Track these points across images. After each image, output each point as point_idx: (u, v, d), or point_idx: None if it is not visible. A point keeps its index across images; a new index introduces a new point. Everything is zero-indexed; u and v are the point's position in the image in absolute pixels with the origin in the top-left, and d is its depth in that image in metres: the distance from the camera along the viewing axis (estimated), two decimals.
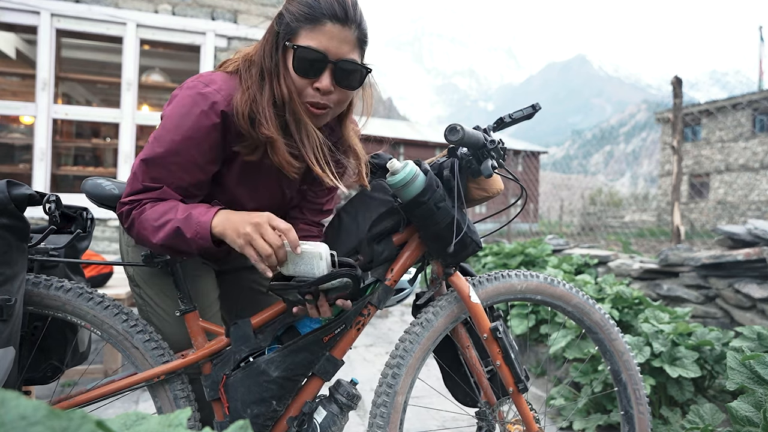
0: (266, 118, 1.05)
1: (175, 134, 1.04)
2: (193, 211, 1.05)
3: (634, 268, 3.22)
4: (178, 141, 1.04)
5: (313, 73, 1.05)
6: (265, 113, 1.05)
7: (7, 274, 1.06)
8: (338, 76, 1.07)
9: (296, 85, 1.06)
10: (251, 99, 1.06)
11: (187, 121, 1.04)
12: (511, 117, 1.23)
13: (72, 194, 3.26)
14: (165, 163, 1.06)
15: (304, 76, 1.05)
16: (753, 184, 20.79)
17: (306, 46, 1.03)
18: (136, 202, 1.07)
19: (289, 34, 1.05)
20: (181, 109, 1.05)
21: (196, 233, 1.03)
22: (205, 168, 1.09)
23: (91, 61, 5.35)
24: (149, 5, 4.05)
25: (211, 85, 1.06)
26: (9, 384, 1.05)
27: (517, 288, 1.30)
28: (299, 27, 1.03)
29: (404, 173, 1.10)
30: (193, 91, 1.06)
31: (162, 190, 1.07)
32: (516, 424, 1.29)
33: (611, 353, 1.37)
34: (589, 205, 17.04)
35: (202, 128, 1.04)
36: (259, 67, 1.08)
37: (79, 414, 0.28)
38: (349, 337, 1.20)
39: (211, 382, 1.18)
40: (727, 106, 20.42)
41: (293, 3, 1.05)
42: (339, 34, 1.03)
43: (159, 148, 1.05)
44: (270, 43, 1.07)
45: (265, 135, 1.06)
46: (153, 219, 1.05)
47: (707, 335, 2.10)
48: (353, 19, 1.04)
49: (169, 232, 1.04)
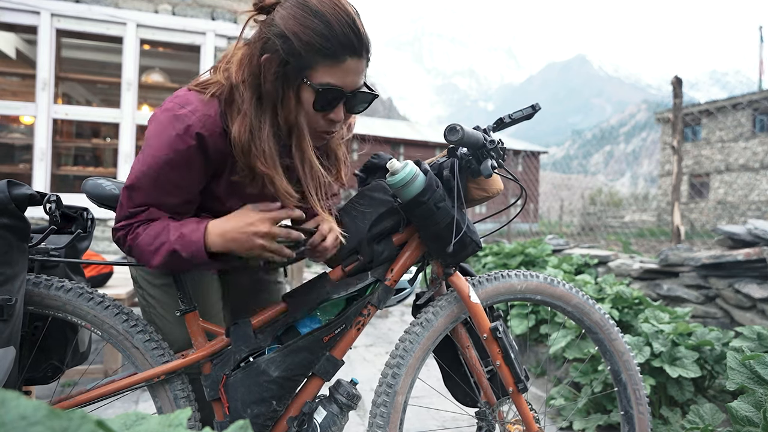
0: (264, 154, 1.01)
1: (153, 160, 1.03)
2: (184, 230, 1.04)
3: (634, 268, 3.22)
4: (157, 166, 1.02)
5: (330, 107, 1.03)
6: (264, 147, 1.01)
7: (7, 274, 1.06)
8: (350, 105, 1.06)
9: (309, 118, 1.03)
10: (249, 128, 1.01)
11: (163, 145, 1.02)
12: (510, 117, 1.23)
13: (72, 194, 3.26)
14: (147, 189, 1.04)
15: (321, 111, 1.02)
16: (753, 184, 20.78)
17: (328, 85, 0.99)
18: (127, 227, 1.07)
19: (305, 68, 0.97)
20: (157, 133, 1.03)
21: (191, 253, 1.04)
22: (188, 189, 1.08)
23: (91, 61, 5.35)
24: (149, 5, 4.05)
25: (186, 106, 1.02)
26: (9, 384, 1.05)
27: (517, 288, 1.30)
28: (316, 62, 0.97)
29: (404, 173, 1.10)
30: (168, 114, 1.03)
31: (149, 211, 1.07)
32: (516, 424, 1.29)
33: (611, 353, 1.37)
34: (589, 205, 17.04)
35: (179, 151, 1.01)
36: (255, 92, 1.01)
37: (79, 414, 0.28)
38: (349, 337, 1.21)
39: (211, 382, 1.18)
40: (727, 106, 20.43)
41: (301, 29, 0.95)
42: (356, 67, 1.00)
43: (140, 175, 1.04)
44: (275, 71, 0.98)
45: (262, 171, 1.02)
46: (147, 243, 1.05)
47: (707, 335, 2.10)
48: (366, 47, 1.01)
49: (165, 255, 1.04)
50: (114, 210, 1.16)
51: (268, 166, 1.02)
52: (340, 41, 0.96)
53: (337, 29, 0.95)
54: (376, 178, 1.29)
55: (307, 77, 0.98)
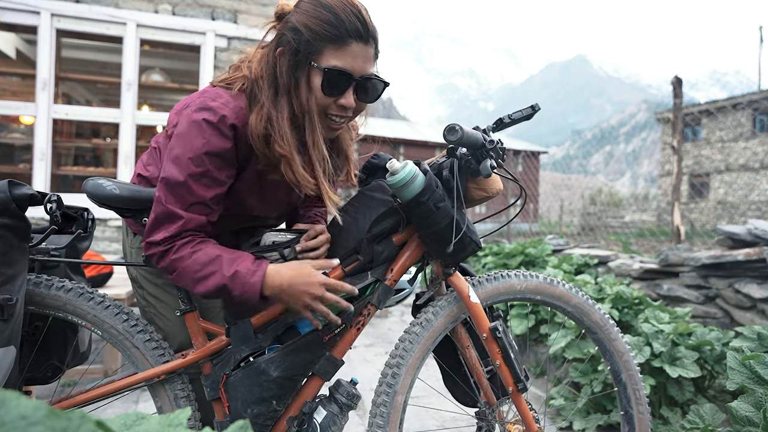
0: (282, 136, 1.06)
1: (191, 152, 1.04)
2: (240, 269, 1.06)
3: (634, 268, 3.22)
4: (195, 158, 1.04)
5: (338, 91, 1.07)
6: (282, 131, 1.06)
7: (8, 274, 1.06)
8: (360, 92, 1.09)
9: (320, 103, 1.07)
10: (266, 117, 1.06)
11: (200, 138, 1.04)
12: (510, 117, 1.23)
13: (72, 194, 3.26)
14: (186, 184, 1.05)
15: (330, 95, 1.06)
16: (753, 184, 20.78)
17: (334, 67, 1.04)
18: (168, 244, 1.06)
19: (313, 53, 1.04)
20: (192, 127, 1.05)
21: (243, 293, 1.06)
22: (223, 182, 1.09)
23: (91, 61, 5.35)
24: (149, 5, 4.06)
25: (218, 99, 1.07)
26: (10, 384, 1.05)
27: (516, 288, 1.30)
28: (323, 47, 1.03)
29: (404, 173, 1.11)
30: (202, 108, 1.06)
31: (186, 220, 1.06)
32: (516, 424, 1.29)
33: (611, 353, 1.37)
34: (589, 205, 17.04)
35: (216, 143, 1.05)
36: (272, 84, 1.08)
37: (79, 414, 0.28)
38: (349, 337, 1.21)
39: (211, 382, 1.18)
40: (727, 106, 20.42)
41: (311, 20, 1.03)
42: (362, 52, 1.05)
43: (179, 171, 1.05)
44: (288, 60, 1.06)
45: (280, 153, 1.06)
46: (195, 270, 1.05)
47: (707, 335, 2.10)
48: (372, 35, 1.07)
49: (214, 287, 1.05)
50: (115, 210, 1.16)
51: (284, 148, 1.06)
52: (345, 27, 1.03)
53: (344, 17, 1.03)
54: (375, 178, 1.30)
55: (315, 61, 1.04)
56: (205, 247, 1.07)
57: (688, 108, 13.46)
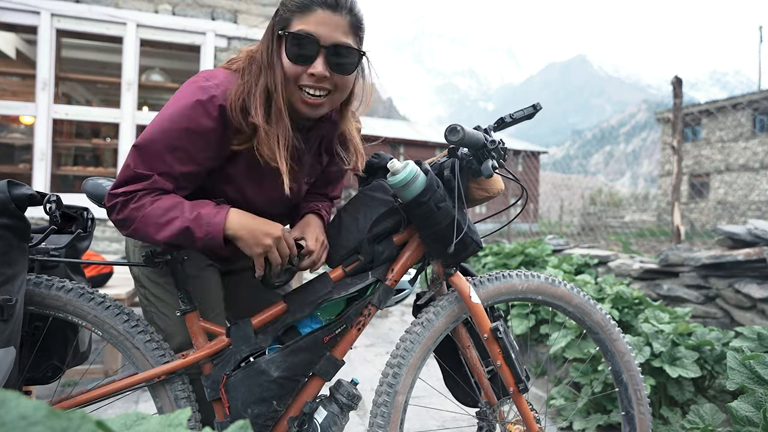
0: (255, 106, 1.06)
1: (171, 123, 1.05)
2: (203, 211, 1.06)
3: (634, 268, 3.22)
4: (174, 130, 1.04)
5: (305, 59, 1.06)
6: (256, 102, 1.06)
7: (7, 274, 1.06)
8: (332, 61, 1.07)
9: (290, 72, 1.07)
10: (246, 91, 1.07)
11: (184, 111, 1.04)
12: (511, 117, 1.23)
13: (72, 194, 3.26)
14: (158, 150, 1.05)
15: (296, 62, 1.06)
16: (753, 184, 20.78)
17: (296, 31, 1.04)
18: (130, 194, 1.06)
19: (282, 24, 1.06)
20: (180, 100, 1.06)
21: (207, 233, 1.05)
22: (198, 160, 1.08)
23: (91, 61, 5.35)
24: (149, 5, 4.05)
25: (211, 79, 1.08)
26: (10, 384, 1.05)
27: (518, 288, 1.29)
28: (291, 17, 1.05)
29: (405, 173, 1.10)
30: (194, 85, 1.07)
31: (153, 180, 1.05)
32: (516, 424, 1.29)
33: (612, 354, 1.37)
34: (589, 205, 17.05)
35: (199, 120, 1.05)
36: (258, 62, 1.10)
37: (79, 414, 0.28)
38: (349, 337, 1.21)
39: (211, 382, 1.18)
40: (727, 106, 20.42)
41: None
42: (330, 19, 1.04)
43: (153, 135, 1.05)
44: (267, 38, 1.10)
45: (252, 123, 1.07)
46: (156, 215, 1.04)
47: (707, 335, 2.10)
48: (344, 5, 1.05)
49: (177, 230, 1.04)
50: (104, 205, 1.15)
51: (257, 117, 1.06)
52: None
53: None
54: (376, 178, 1.29)
55: (284, 29, 1.06)
56: (166, 196, 1.07)
57: (688, 108, 13.47)
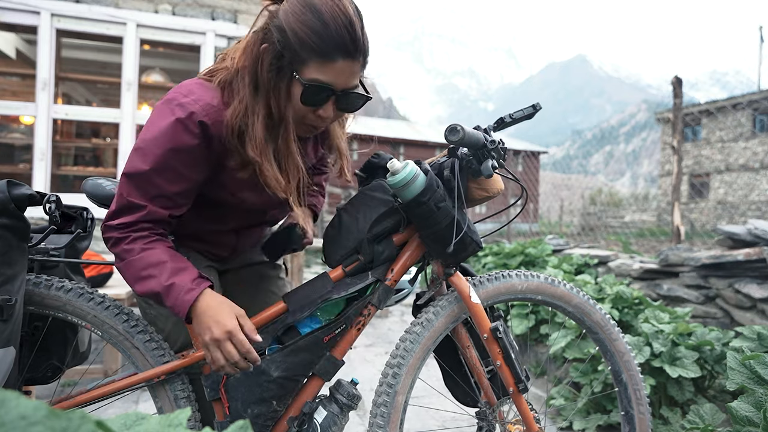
0: (255, 139, 1.02)
1: (155, 147, 1.02)
2: (177, 281, 1.03)
3: (634, 268, 3.22)
4: (160, 154, 1.02)
5: (318, 103, 1.04)
6: (256, 134, 1.02)
7: (7, 274, 1.06)
8: (341, 105, 1.07)
9: (297, 112, 1.04)
10: (243, 112, 1.02)
11: (166, 132, 1.01)
12: (511, 117, 1.23)
13: (72, 194, 3.26)
14: (147, 175, 1.03)
15: (309, 106, 1.04)
16: (753, 184, 20.78)
17: (316, 81, 1.00)
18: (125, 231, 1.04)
19: (296, 62, 0.99)
20: (159, 120, 1.03)
21: (174, 306, 1.03)
22: (188, 177, 1.07)
23: (91, 61, 5.35)
24: (149, 5, 4.05)
25: (189, 95, 1.03)
26: (9, 384, 1.05)
27: (517, 288, 1.29)
28: (308, 59, 0.98)
29: (404, 173, 1.10)
30: (171, 103, 1.03)
31: (147, 211, 1.04)
32: (516, 424, 1.29)
33: (612, 353, 1.37)
34: (589, 205, 17.05)
35: (182, 139, 1.01)
36: (253, 78, 1.03)
37: (79, 414, 0.28)
38: (349, 337, 1.20)
39: (211, 382, 1.18)
40: (727, 106, 20.42)
41: (298, 24, 0.96)
42: (348, 68, 1.01)
43: (141, 163, 1.02)
44: (271, 61, 1.01)
45: (252, 157, 1.03)
46: (138, 268, 1.03)
47: (707, 335, 2.10)
48: (361, 50, 1.01)
49: (149, 291, 1.03)
50: None
51: (257, 151, 1.03)
52: (334, 41, 0.96)
53: (333, 29, 0.96)
54: (376, 177, 1.29)
55: (298, 72, 1.00)
56: (156, 247, 1.05)
57: (688, 108, 13.47)
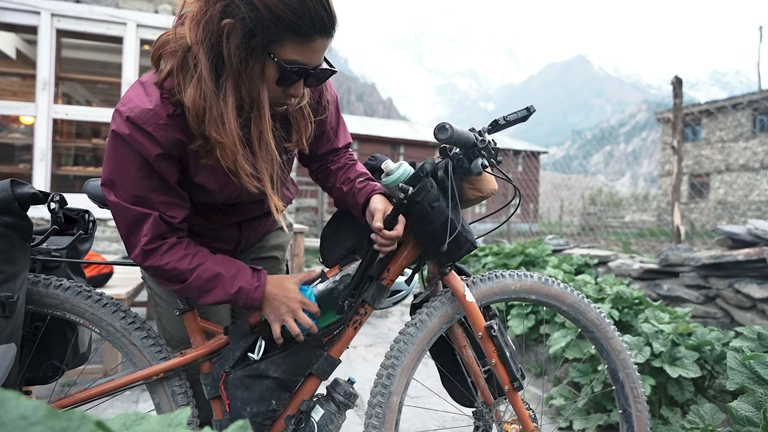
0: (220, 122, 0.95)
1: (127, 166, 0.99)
2: (243, 285, 1.10)
3: (634, 268, 3.22)
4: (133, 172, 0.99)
5: (292, 83, 0.99)
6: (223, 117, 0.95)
7: (9, 272, 1.06)
8: (309, 81, 1.03)
9: (271, 94, 1.00)
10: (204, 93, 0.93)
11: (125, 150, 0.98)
12: (505, 119, 1.23)
13: (72, 194, 3.26)
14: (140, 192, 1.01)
15: (283, 86, 0.99)
16: (753, 184, 20.76)
17: (294, 62, 0.94)
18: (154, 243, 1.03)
19: (272, 43, 0.92)
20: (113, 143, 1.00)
21: (246, 304, 1.11)
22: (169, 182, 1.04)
23: (91, 61, 5.36)
24: (149, 5, 4.06)
25: (126, 104, 0.98)
26: (10, 381, 1.06)
27: (511, 288, 1.30)
28: (284, 38, 0.91)
29: (398, 173, 1.12)
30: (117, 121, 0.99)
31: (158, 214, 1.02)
32: (513, 424, 1.30)
33: (608, 352, 1.37)
34: (589, 205, 17.04)
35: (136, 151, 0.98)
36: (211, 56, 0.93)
37: (79, 414, 0.28)
38: (346, 337, 1.21)
39: (211, 380, 1.19)
40: (727, 106, 20.40)
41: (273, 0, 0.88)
42: (323, 45, 0.97)
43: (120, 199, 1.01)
44: (240, 40, 0.91)
45: (216, 138, 0.96)
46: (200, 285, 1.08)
47: (707, 335, 2.10)
48: (335, 25, 0.96)
49: (219, 299, 1.09)
50: None
51: (222, 134, 0.95)
52: (312, 19, 0.90)
53: (310, 5, 0.90)
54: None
55: (274, 53, 0.93)
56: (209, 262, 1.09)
57: (688, 108, 13.48)
